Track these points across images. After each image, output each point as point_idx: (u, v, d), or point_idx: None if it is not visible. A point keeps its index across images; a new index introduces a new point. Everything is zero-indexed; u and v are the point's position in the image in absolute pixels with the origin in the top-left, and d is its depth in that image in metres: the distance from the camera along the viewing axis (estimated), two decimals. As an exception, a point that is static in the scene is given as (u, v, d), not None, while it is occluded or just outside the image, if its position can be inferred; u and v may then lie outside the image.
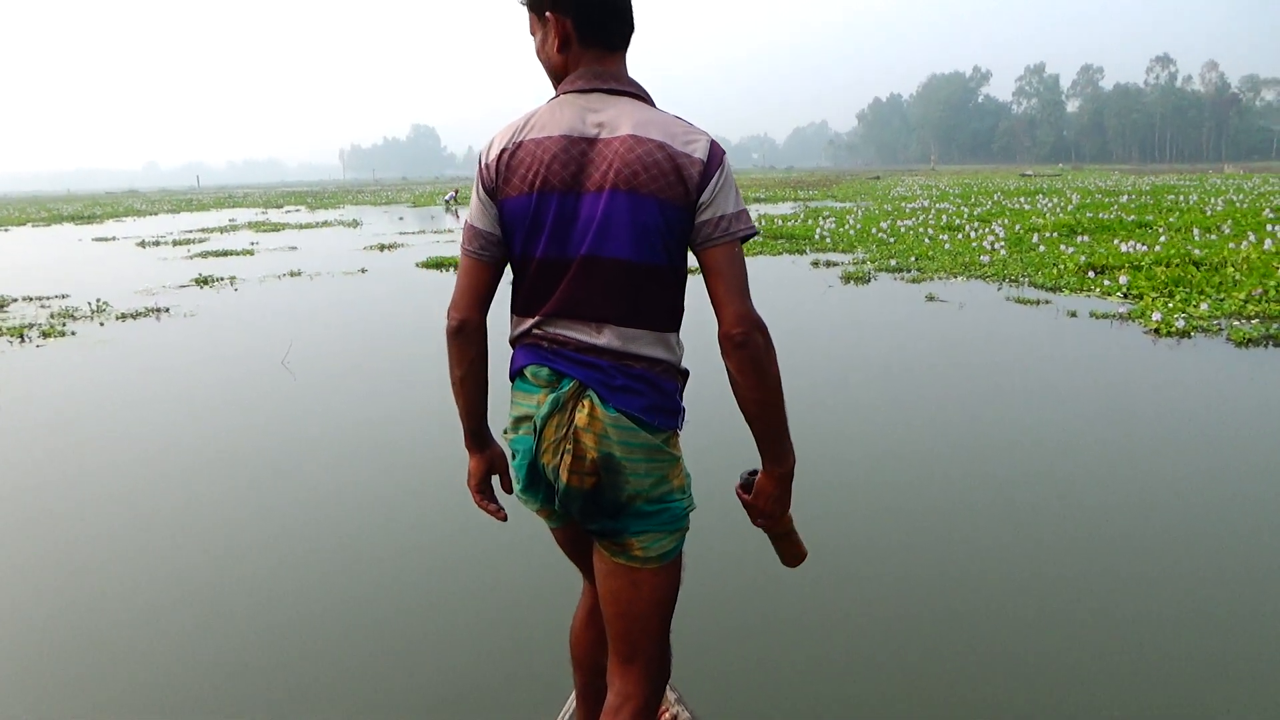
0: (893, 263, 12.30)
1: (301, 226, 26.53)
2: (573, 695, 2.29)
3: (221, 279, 13.08)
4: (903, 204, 26.08)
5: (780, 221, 19.93)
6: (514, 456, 1.81)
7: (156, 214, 39.84)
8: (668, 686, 2.10)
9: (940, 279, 11.10)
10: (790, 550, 1.87)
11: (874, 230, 16.97)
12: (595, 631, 2.04)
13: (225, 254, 17.61)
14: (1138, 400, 5.76)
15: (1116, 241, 13.57)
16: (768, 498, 1.77)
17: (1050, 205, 22.60)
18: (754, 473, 1.80)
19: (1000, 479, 4.42)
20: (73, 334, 8.81)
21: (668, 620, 1.85)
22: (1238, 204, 21.45)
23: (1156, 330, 7.59)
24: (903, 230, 16.92)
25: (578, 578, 2.07)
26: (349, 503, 4.31)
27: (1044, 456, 4.71)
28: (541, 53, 1.76)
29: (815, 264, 12.85)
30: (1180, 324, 7.64)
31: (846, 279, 11.20)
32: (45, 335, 8.76)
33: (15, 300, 11.62)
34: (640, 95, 1.73)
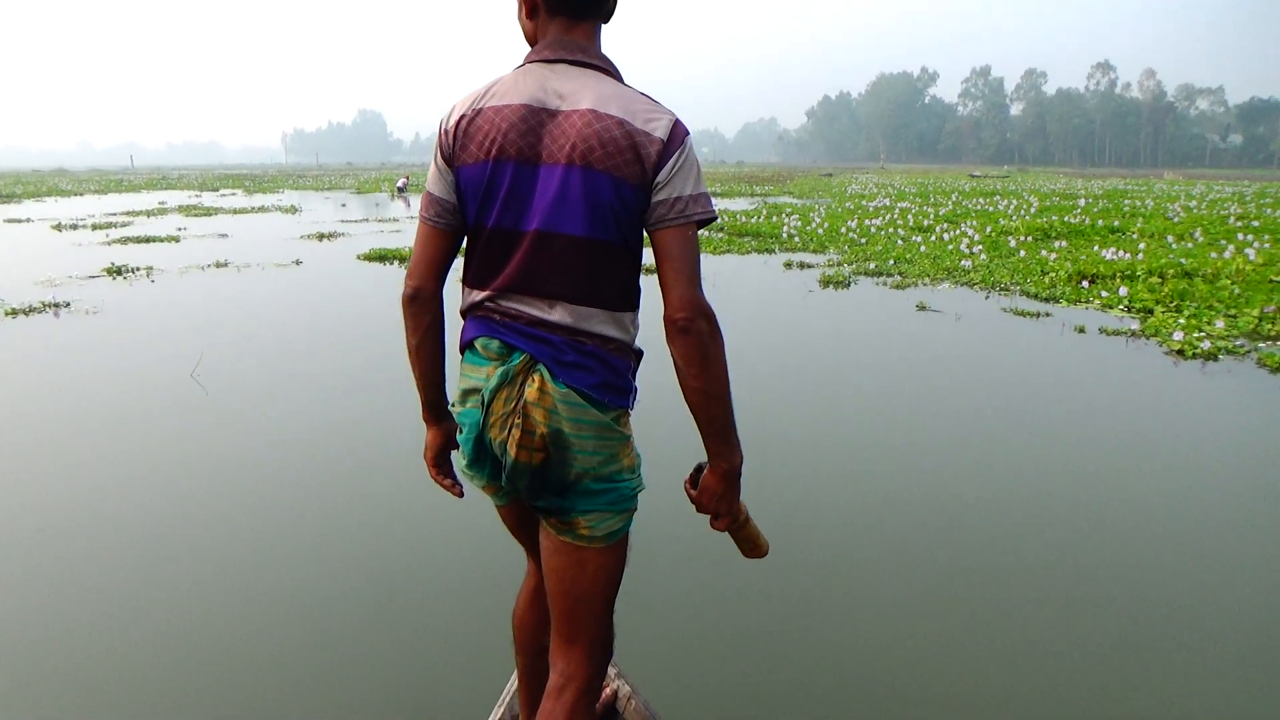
0: (871, 265, 11.55)
1: (235, 212, 25.02)
2: (514, 676, 2.26)
3: (138, 269, 11.83)
4: (863, 202, 25.51)
5: (743, 218, 19.13)
6: (460, 430, 1.78)
7: (82, 195, 37.68)
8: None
9: (924, 285, 10.37)
10: (748, 544, 1.82)
11: (843, 230, 16.27)
12: (539, 612, 2.02)
13: (148, 240, 16.25)
14: (1183, 435, 5.03)
15: (1096, 248, 13.04)
16: (713, 495, 1.72)
17: (1012, 207, 22.19)
18: (702, 467, 1.75)
19: (1038, 519, 3.63)
20: (-49, 332, 7.63)
21: (612, 600, 1.82)
22: (1195, 210, 21.28)
23: (1180, 352, 6.91)
24: (873, 230, 16.25)
25: (520, 560, 2.06)
26: (267, 523, 3.48)
27: (1087, 493, 3.93)
28: (519, 19, 1.74)
29: (788, 265, 12.06)
30: (1205, 345, 6.98)
31: (825, 283, 10.41)
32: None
33: (-104, 289, 10.30)
34: (607, 69, 1.68)
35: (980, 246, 13.12)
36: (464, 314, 1.76)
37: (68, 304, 9.03)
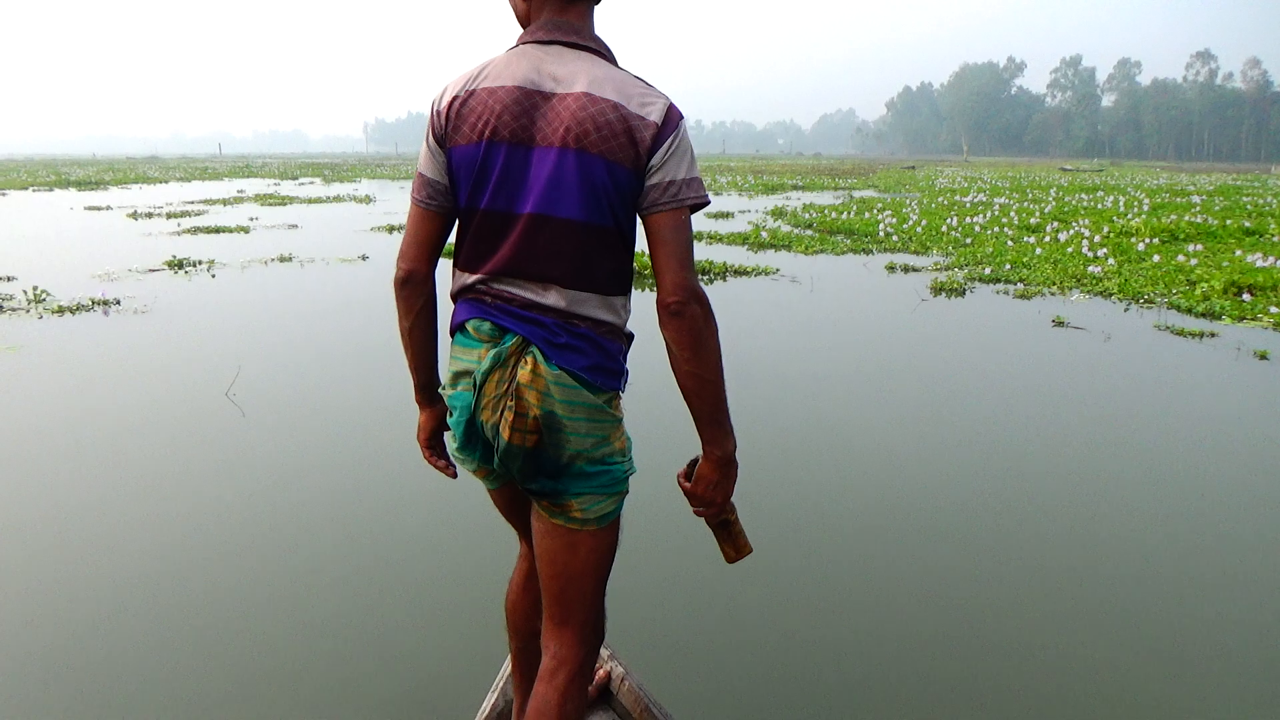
0: (986, 270, 10.37)
1: (310, 201, 24.74)
2: (508, 660, 2.24)
3: (199, 263, 11.30)
4: (956, 197, 24.04)
5: (832, 214, 17.96)
6: (451, 413, 1.75)
7: (167, 182, 38.17)
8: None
9: (1052, 294, 9.18)
10: (731, 543, 1.80)
11: (943, 228, 15.02)
12: (531, 596, 2.00)
13: (217, 231, 15.86)
14: None
15: (1238, 252, 11.62)
16: (707, 484, 1.71)
17: (1121, 204, 20.54)
18: (697, 461, 1.74)
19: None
20: (-16, 334, 7.08)
21: (603, 583, 1.82)
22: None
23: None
24: (977, 229, 14.96)
25: (512, 544, 2.06)
26: (266, 529, 2.75)
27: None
28: (511, 1, 1.72)
29: (891, 268, 10.95)
30: None
31: (937, 289, 9.30)
32: (-50, 335, 7.03)
33: (-48, 282, 9.92)
34: (601, 52, 1.68)
35: (1105, 249, 11.81)
36: (455, 297, 1.75)
37: (118, 301, 8.45)
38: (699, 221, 17.26)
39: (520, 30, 1.72)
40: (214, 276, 10.41)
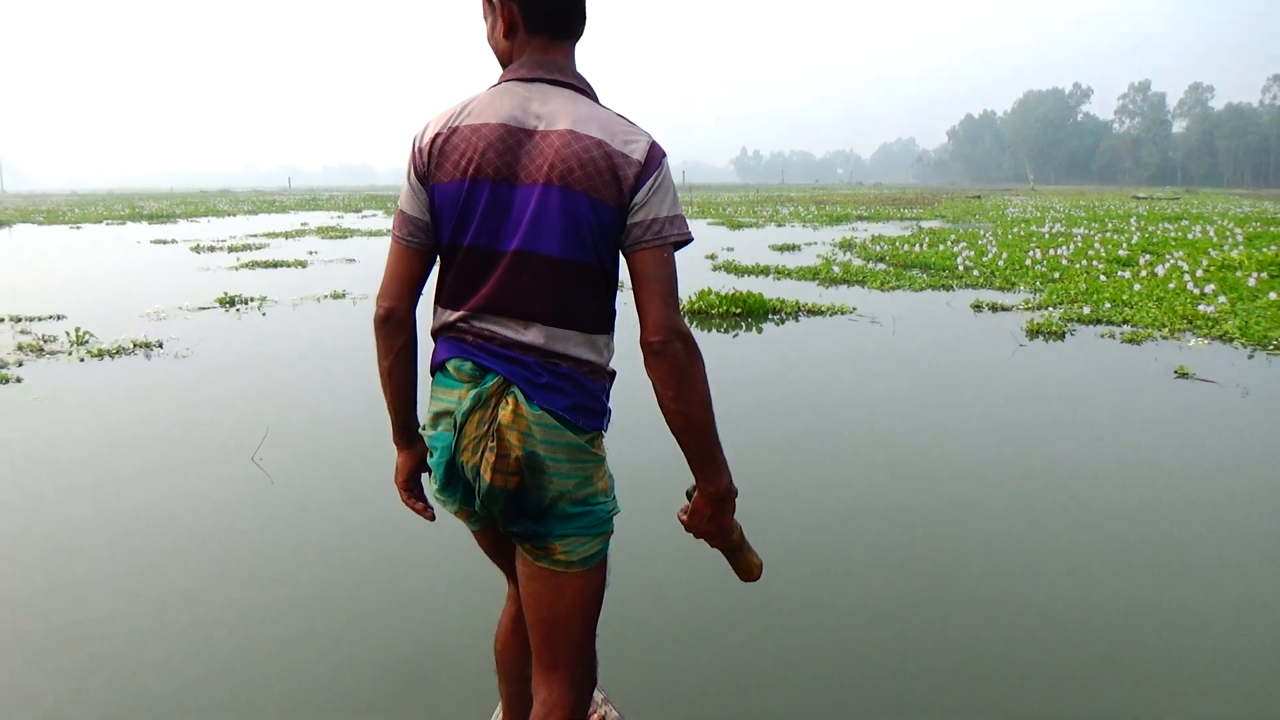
0: (1084, 310, 9.52)
1: (371, 234, 24.65)
2: (499, 708, 2.17)
3: (251, 300, 10.97)
4: (1032, 227, 23.01)
5: (904, 246, 17.16)
6: (431, 454, 1.74)
7: (235, 215, 38.73)
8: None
9: (1163, 338, 8.32)
10: (744, 564, 1.79)
11: (1027, 261, 14.14)
12: (521, 638, 1.97)
13: (276, 265, 15.67)
14: None
15: (1362, 288, 10.58)
16: (701, 518, 1.71)
17: (1210, 234, 19.35)
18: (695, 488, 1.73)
19: None
20: (17, 380, 6.69)
21: (592, 626, 1.80)
22: None
23: None
24: (1063, 262, 14.05)
25: (503, 582, 2.02)
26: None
27: None
28: (490, 38, 1.72)
29: (977, 306, 10.15)
30: None
31: (1034, 331, 8.50)
32: (-17, 381, 6.68)
33: (1, 320, 9.69)
34: (584, 90, 1.68)
35: (1211, 285, 10.86)
36: (435, 335, 1.74)
37: (160, 344, 8.08)
38: (765, 255, 16.61)
39: (501, 70, 1.73)
40: (264, 315, 10.06)
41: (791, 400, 6.18)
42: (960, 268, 13.55)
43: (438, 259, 1.73)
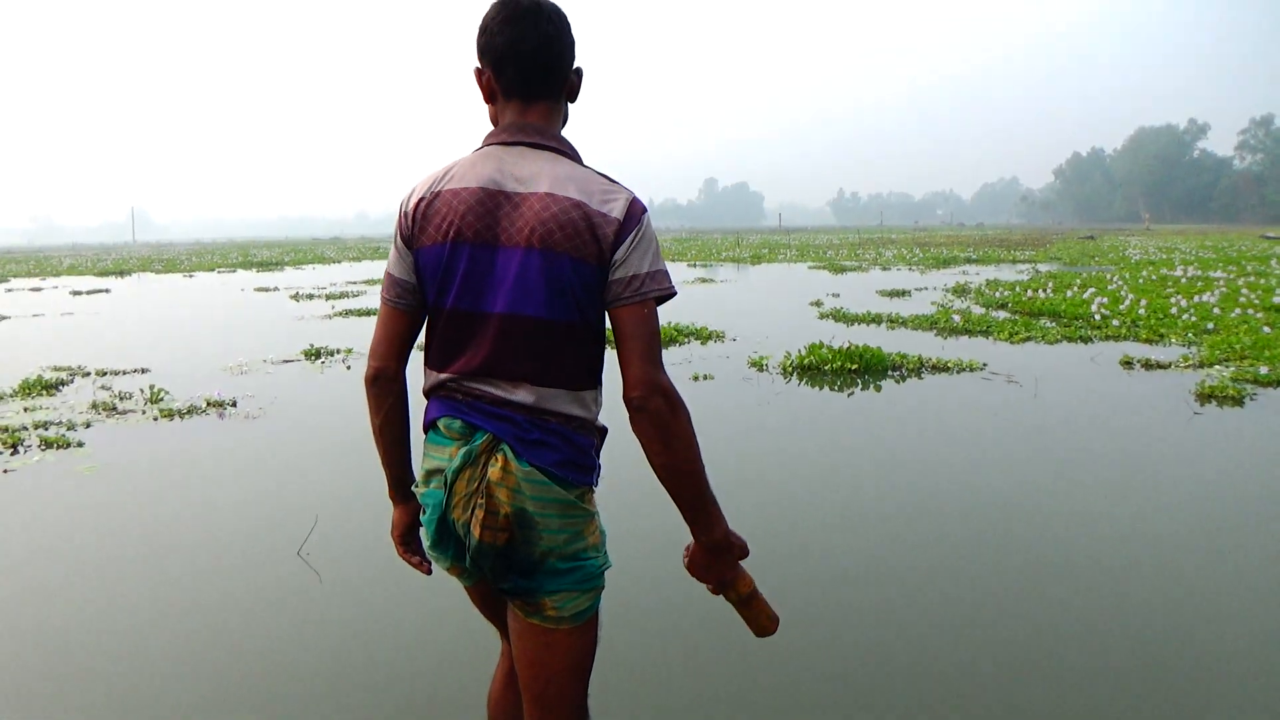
0: (1262, 370, 8.25)
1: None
2: None
3: (337, 352, 10.56)
4: (1160, 270, 21.32)
5: (1027, 292, 15.88)
6: (423, 511, 1.75)
7: (340, 262, 39.57)
8: None
9: (1366, 403, 7.05)
10: (755, 619, 1.77)
11: (1172, 309, 12.78)
12: (514, 695, 1.95)
13: (369, 313, 15.42)
14: None
15: None
16: (699, 567, 1.73)
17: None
18: None
19: None
20: (78, 445, 6.27)
21: (584, 682, 1.79)
22: None
23: None
24: (1215, 311, 12.65)
25: (495, 638, 2.02)
26: None
27: None
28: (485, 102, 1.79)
29: (1126, 363, 8.96)
30: None
31: (1205, 395, 7.32)
32: (45, 445, 6.26)
33: (87, 374, 9.47)
34: (564, 151, 1.71)
35: (1404, 338, 9.40)
36: (427, 394, 1.77)
37: (234, 403, 7.63)
38: (874, 302, 15.60)
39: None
40: (348, 368, 9.60)
41: (923, 479, 5.25)
42: (1096, 317, 12.29)
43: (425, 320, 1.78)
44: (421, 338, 1.82)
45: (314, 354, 10.40)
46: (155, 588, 3.87)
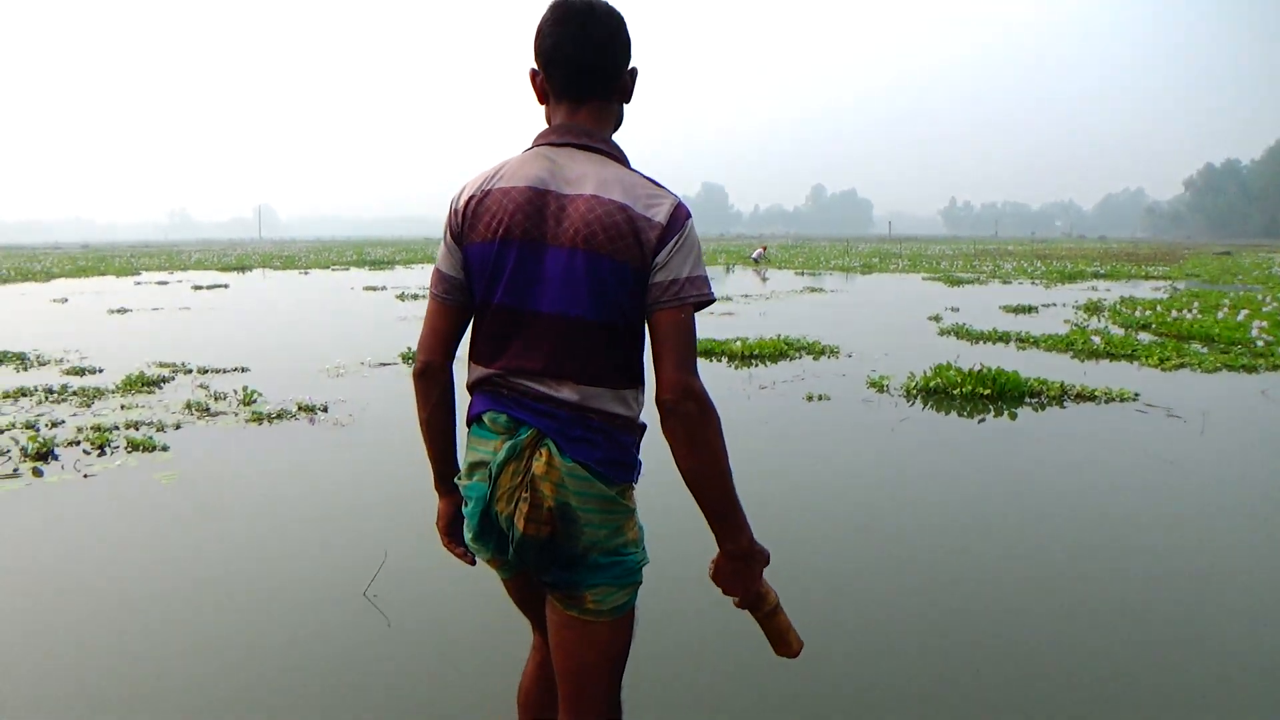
0: None
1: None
2: None
3: (434, 356, 10.30)
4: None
5: (1171, 312, 14.58)
6: (466, 503, 1.78)
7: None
8: None
9: None
10: (777, 637, 1.78)
11: (1346, 336, 11.41)
12: (544, 688, 1.98)
13: (470, 315, 15.22)
14: None
15: None
16: (723, 575, 1.73)
17: None
18: None
19: None
20: (163, 449, 6.05)
21: (619, 675, 1.82)
22: None
23: None
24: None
25: (525, 631, 2.06)
26: None
27: None
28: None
29: (1308, 399, 7.90)
30: None
31: None
32: (131, 448, 6.07)
33: (189, 371, 9.42)
34: (612, 153, 1.74)
35: None
36: (471, 388, 1.79)
37: (325, 408, 7.35)
38: (998, 318, 14.58)
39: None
40: (444, 374, 9.30)
41: (1081, 533, 4.51)
42: (1259, 342, 11.06)
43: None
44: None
45: (410, 358, 10.15)
46: (202, 625, 3.49)
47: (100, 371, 9.47)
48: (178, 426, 6.73)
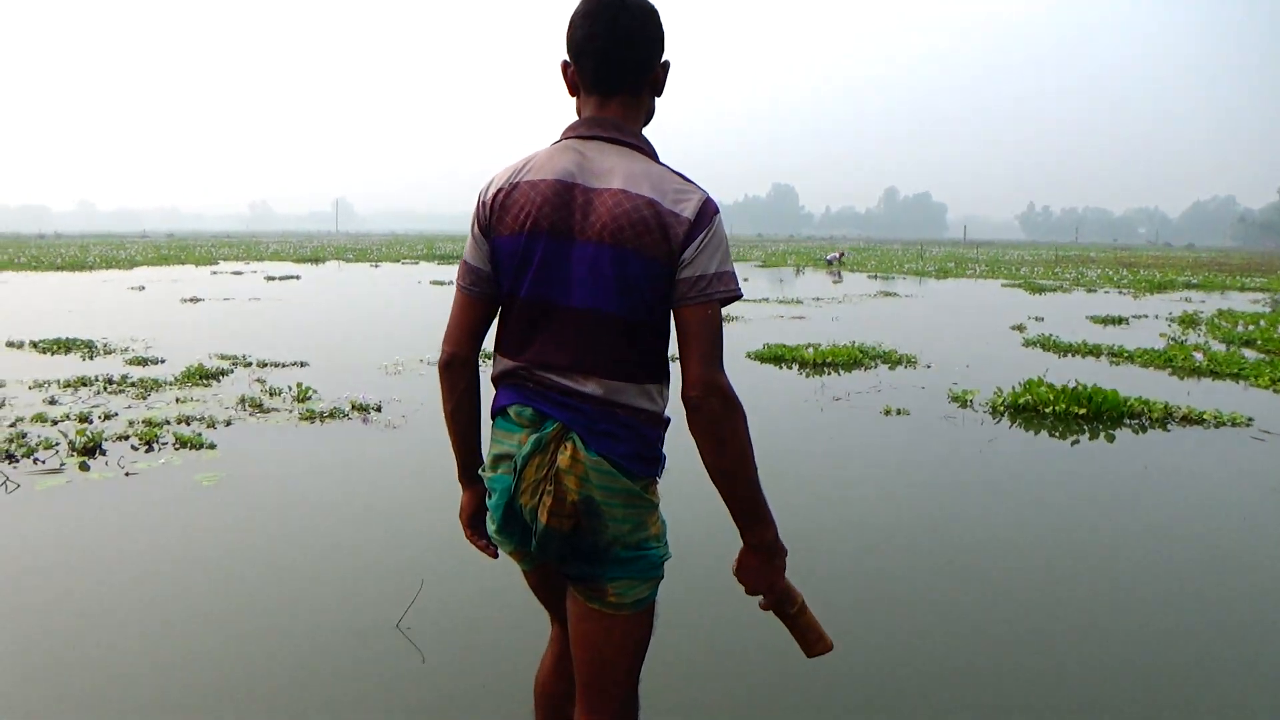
0: None
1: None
2: None
3: (490, 358, 10.05)
4: None
5: (1275, 326, 13.59)
6: (490, 495, 1.78)
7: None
8: None
9: None
10: (805, 637, 1.77)
11: None
12: (561, 680, 1.99)
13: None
14: None
15: None
16: (748, 571, 1.74)
17: None
18: None
19: None
20: (210, 447, 5.84)
21: (637, 668, 1.82)
22: None
23: None
24: None
25: (541, 625, 2.10)
26: None
27: None
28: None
29: None
30: None
31: None
32: (179, 444, 5.88)
33: (249, 364, 9.32)
34: (641, 147, 1.73)
35: None
36: (496, 381, 1.79)
37: (379, 408, 7.10)
38: (1086, 330, 13.81)
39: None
40: (504, 374, 9.04)
41: (1190, 570, 3.98)
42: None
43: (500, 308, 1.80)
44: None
45: (471, 356, 9.90)
46: (218, 651, 3.21)
47: (162, 362, 9.42)
48: (228, 423, 6.55)
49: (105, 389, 7.80)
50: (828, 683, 3.00)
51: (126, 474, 5.24)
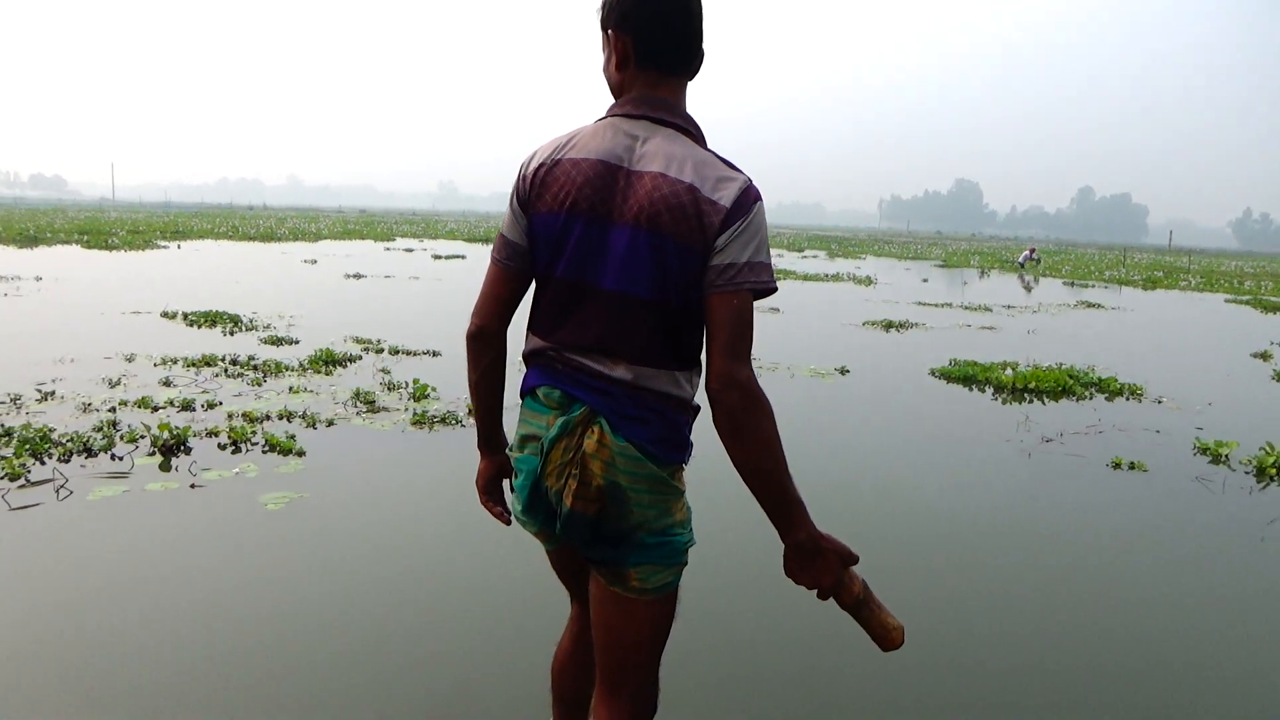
0: None
1: (806, 278, 22.54)
2: None
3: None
4: None
5: None
6: (517, 475, 1.77)
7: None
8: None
9: None
10: (874, 628, 1.68)
11: None
12: (579, 662, 1.99)
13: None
14: None
15: None
16: (791, 570, 1.69)
17: None
18: None
19: None
20: (299, 454, 5.03)
21: (658, 653, 1.81)
22: None
23: None
24: None
25: (560, 607, 2.08)
26: None
27: None
28: (605, 70, 1.73)
29: None
30: None
31: None
32: (267, 447, 5.15)
33: (380, 350, 8.73)
34: (688, 130, 1.68)
35: None
36: (526, 359, 1.76)
37: (460, 422, 6.25)
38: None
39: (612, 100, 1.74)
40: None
41: None
42: None
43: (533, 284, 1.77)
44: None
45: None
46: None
47: (296, 343, 8.99)
48: (330, 423, 5.83)
49: (226, 372, 7.33)
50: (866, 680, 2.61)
51: (192, 485, 4.52)
